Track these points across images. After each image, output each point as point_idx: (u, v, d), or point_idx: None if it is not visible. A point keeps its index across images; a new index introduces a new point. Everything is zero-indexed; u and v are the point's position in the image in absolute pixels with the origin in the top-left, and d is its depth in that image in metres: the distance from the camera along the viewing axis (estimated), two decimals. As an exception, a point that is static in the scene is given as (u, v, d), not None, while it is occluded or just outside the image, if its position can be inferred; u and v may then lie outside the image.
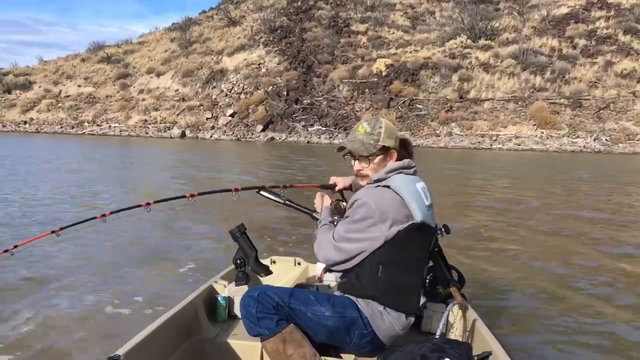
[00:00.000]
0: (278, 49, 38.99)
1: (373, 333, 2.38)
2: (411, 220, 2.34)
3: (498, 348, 2.32)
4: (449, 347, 2.12)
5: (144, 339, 2.28)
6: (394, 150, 2.50)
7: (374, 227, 2.32)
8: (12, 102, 42.49)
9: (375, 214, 2.31)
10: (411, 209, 2.34)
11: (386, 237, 2.32)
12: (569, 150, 25.70)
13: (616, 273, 5.64)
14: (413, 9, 43.91)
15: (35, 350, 3.53)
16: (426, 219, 2.38)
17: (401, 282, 2.39)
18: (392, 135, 2.50)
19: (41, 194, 9.86)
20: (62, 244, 5.84)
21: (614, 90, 28.93)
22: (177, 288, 4.49)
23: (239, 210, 7.83)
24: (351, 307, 2.38)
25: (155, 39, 50.10)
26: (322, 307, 2.38)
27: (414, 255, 2.41)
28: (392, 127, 2.56)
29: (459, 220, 8.23)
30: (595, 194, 11.85)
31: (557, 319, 4.24)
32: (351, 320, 2.37)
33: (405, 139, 2.64)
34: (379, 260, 2.35)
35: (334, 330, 2.38)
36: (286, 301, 2.37)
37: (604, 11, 36.23)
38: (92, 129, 36.78)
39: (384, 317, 2.37)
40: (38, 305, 4.31)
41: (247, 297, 2.39)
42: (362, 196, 2.38)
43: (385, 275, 2.36)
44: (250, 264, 2.90)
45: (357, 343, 2.40)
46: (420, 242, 2.44)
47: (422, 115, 30.29)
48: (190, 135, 33.08)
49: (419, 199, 2.39)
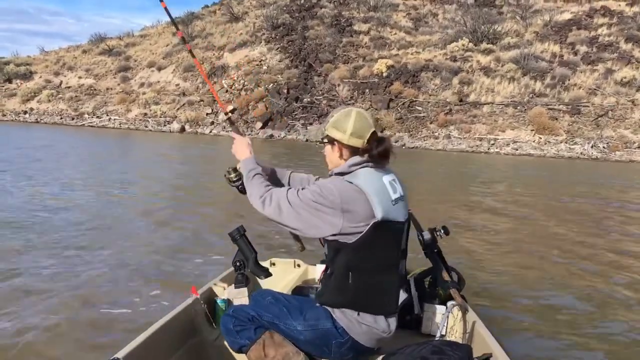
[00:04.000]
0: (280, 46, 38.89)
1: (352, 340, 2.36)
2: (373, 219, 2.26)
3: (498, 350, 2.35)
4: (449, 349, 2.16)
5: (144, 341, 2.32)
6: (341, 145, 2.40)
7: (333, 214, 2.24)
8: (13, 92, 42.28)
9: (336, 203, 2.24)
10: (373, 207, 2.26)
11: (341, 229, 2.24)
12: (566, 156, 25.76)
13: (616, 273, 5.69)
14: (416, 10, 43.83)
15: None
16: (390, 215, 2.30)
17: (373, 285, 2.34)
18: (341, 128, 2.38)
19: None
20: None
21: (613, 98, 28.97)
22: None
23: (238, 212, 7.84)
24: (325, 318, 2.36)
25: (157, 32, 49.89)
26: (295, 321, 2.39)
27: (383, 255, 2.35)
28: (346, 119, 2.39)
29: (459, 221, 8.27)
30: (594, 200, 11.89)
31: (558, 321, 4.28)
32: (325, 331, 2.35)
33: (381, 137, 2.44)
34: (347, 266, 2.31)
35: (308, 343, 2.39)
36: (261, 314, 2.42)
37: (607, 18, 36.24)
38: (92, 121, 36.65)
39: (361, 323, 2.34)
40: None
41: (224, 316, 2.47)
42: (328, 182, 2.33)
43: (355, 281, 2.31)
44: (250, 266, 2.91)
45: (336, 352, 2.39)
46: (388, 239, 2.36)
47: (422, 117, 30.30)
48: (190, 130, 33.02)
49: (383, 194, 2.32)
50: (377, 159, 2.36)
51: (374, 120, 2.48)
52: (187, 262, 5.56)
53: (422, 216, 3.10)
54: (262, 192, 2.37)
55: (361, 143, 2.37)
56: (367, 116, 2.43)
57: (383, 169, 2.42)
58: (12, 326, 3.83)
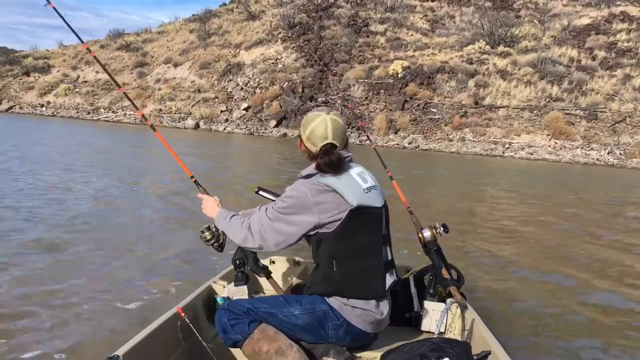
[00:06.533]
0: (296, 45, 38.94)
1: (347, 323, 2.41)
2: (348, 206, 2.34)
3: (497, 347, 2.34)
4: (448, 347, 2.15)
5: (143, 339, 2.33)
6: (301, 143, 2.53)
7: (305, 211, 2.34)
8: (30, 85, 42.78)
9: (305, 199, 2.34)
10: (345, 197, 2.35)
11: (318, 222, 2.34)
12: (581, 162, 25.51)
13: (616, 274, 5.64)
14: (433, 12, 43.64)
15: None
16: (364, 201, 2.39)
17: (357, 270, 2.40)
18: (304, 128, 2.50)
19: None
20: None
21: (631, 104, 28.63)
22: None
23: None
24: (320, 302, 2.43)
25: (174, 29, 50.17)
26: (291, 307, 2.43)
27: (363, 240, 2.42)
28: (310, 122, 2.49)
29: (458, 220, 8.24)
30: (604, 207, 11.78)
31: (557, 319, 4.26)
32: (322, 313, 2.41)
33: (329, 150, 2.44)
34: (330, 254, 2.39)
35: (306, 327, 2.42)
36: (257, 306, 2.45)
37: (626, 24, 35.82)
38: (108, 116, 36.98)
39: (352, 307, 2.40)
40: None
41: (219, 311, 2.48)
42: (292, 186, 2.44)
43: (340, 268, 2.38)
44: (249, 264, 2.92)
45: (333, 335, 2.43)
46: (366, 225, 2.42)
47: (436, 119, 30.18)
48: (204, 127, 33.17)
49: (353, 184, 2.41)
50: (322, 169, 2.41)
51: (342, 132, 2.50)
52: (199, 259, 5.56)
53: (421, 213, 3.08)
54: (243, 230, 2.51)
55: (315, 149, 2.46)
56: (330, 126, 2.45)
57: (348, 166, 2.49)
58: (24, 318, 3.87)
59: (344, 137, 2.52)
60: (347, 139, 2.58)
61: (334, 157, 2.39)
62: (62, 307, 4.09)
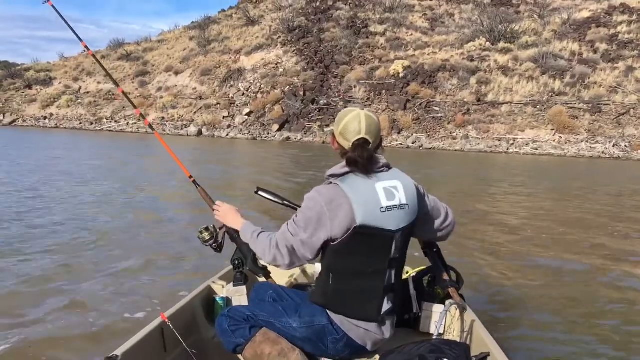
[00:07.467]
0: (296, 49, 39.02)
1: (347, 337, 2.33)
2: (352, 224, 2.20)
3: (496, 349, 2.31)
4: (447, 348, 2.11)
5: (142, 338, 2.32)
6: (334, 139, 2.39)
7: (321, 229, 2.24)
8: (33, 98, 43.03)
9: (321, 212, 2.22)
10: (354, 211, 2.20)
11: (330, 237, 2.23)
12: (587, 155, 25.42)
13: (616, 275, 5.60)
14: (432, 10, 43.68)
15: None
16: (372, 221, 2.22)
17: (351, 289, 2.30)
18: (338, 123, 2.36)
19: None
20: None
21: (635, 96, 28.49)
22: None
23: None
24: (320, 315, 2.35)
25: (174, 37, 50.42)
26: (290, 318, 2.39)
27: (364, 261, 2.28)
28: (344, 117, 2.35)
29: (458, 220, 8.19)
30: (606, 200, 11.70)
31: (556, 320, 4.22)
32: (320, 327, 2.34)
33: (361, 146, 2.31)
34: (328, 267, 2.32)
35: (304, 340, 2.38)
36: (256, 314, 2.43)
37: (626, 16, 35.71)
38: (110, 126, 37.12)
39: (352, 324, 2.33)
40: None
41: (220, 317, 2.47)
42: (311, 193, 2.31)
43: (335, 283, 2.30)
44: (248, 264, 2.88)
45: (332, 348, 2.37)
46: (369, 246, 2.27)
47: (439, 117, 30.13)
48: (207, 134, 33.24)
49: (370, 200, 2.23)
50: (352, 162, 2.28)
51: (376, 129, 2.34)
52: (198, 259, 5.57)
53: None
54: (272, 249, 2.36)
55: (347, 145, 2.31)
56: (364, 121, 2.30)
57: (378, 175, 2.31)
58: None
59: (378, 134, 2.35)
60: (382, 139, 2.42)
61: (366, 152, 2.27)
62: (68, 307, 4.18)
